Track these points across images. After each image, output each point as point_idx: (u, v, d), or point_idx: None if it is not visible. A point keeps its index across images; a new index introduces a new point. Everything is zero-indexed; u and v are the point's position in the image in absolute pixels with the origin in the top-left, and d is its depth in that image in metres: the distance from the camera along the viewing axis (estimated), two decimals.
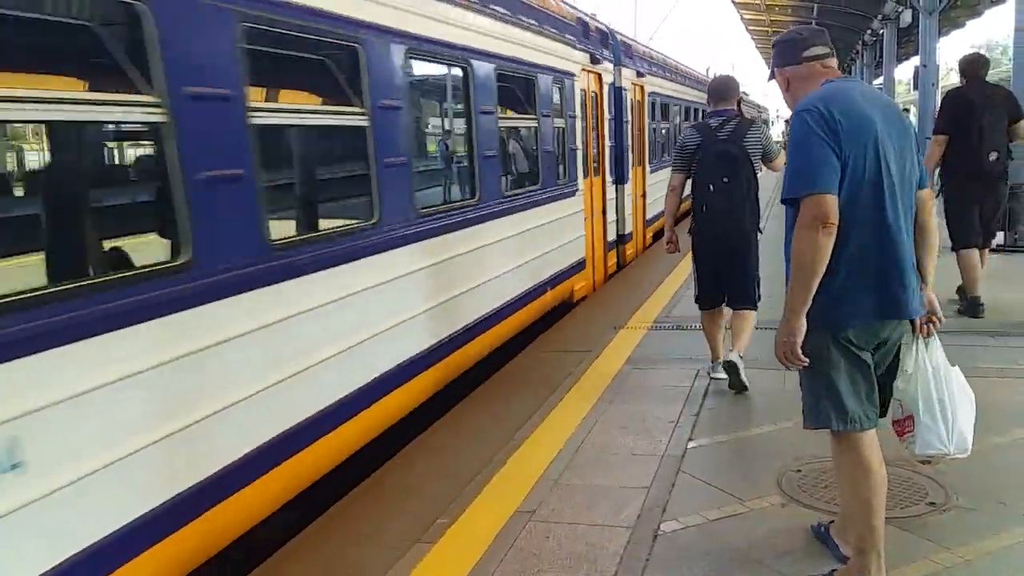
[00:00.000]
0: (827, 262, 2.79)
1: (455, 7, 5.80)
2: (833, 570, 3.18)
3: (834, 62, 3.15)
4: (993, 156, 6.94)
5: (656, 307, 8.19)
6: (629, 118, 11.62)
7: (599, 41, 10.27)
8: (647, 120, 13.05)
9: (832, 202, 2.77)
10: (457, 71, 6.07)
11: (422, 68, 5.84)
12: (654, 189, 13.11)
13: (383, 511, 4.07)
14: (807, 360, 2.93)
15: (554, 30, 8.23)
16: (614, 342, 6.91)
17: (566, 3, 9.26)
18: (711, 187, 5.32)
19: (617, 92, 11.00)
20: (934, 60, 18.38)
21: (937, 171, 7.28)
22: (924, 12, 18.43)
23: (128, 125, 3.57)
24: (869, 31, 29.52)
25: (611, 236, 10.60)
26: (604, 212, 10.26)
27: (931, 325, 3.19)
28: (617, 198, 11.01)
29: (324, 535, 3.87)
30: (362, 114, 4.58)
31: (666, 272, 10.08)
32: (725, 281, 5.51)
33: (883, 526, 3.01)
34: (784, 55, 3.21)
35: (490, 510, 3.93)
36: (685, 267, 10.29)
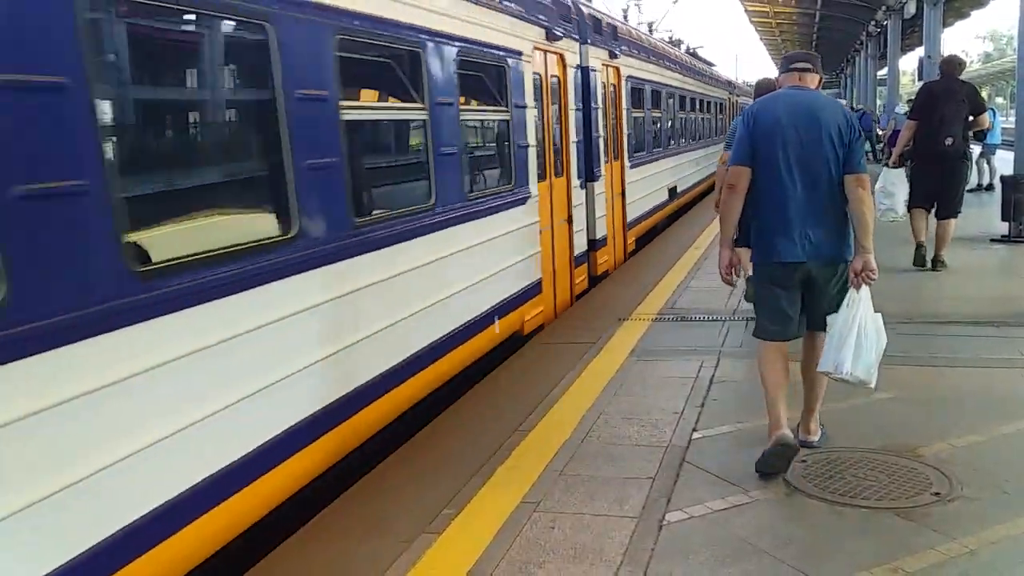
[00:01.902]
0: (738, 206, 4.19)
1: None
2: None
3: (808, 76, 4.36)
4: (949, 141, 8.35)
5: (660, 298, 8.19)
6: (600, 105, 9.80)
7: (559, 14, 8.30)
8: (625, 107, 11.33)
9: (739, 172, 4.17)
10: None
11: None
12: (638, 187, 11.81)
13: (389, 502, 4.08)
14: (738, 277, 4.50)
15: None
16: (618, 333, 6.91)
17: None
18: None
19: (584, 75, 9.19)
20: (938, 51, 18.31)
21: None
22: (928, 2, 18.37)
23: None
24: (873, 22, 29.39)
25: (580, 247, 8.78)
26: (570, 220, 8.45)
27: (862, 277, 4.00)
28: (587, 200, 9.09)
29: (330, 526, 3.88)
30: None
31: (663, 272, 10.08)
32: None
33: (780, 409, 4.20)
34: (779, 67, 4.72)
35: (496, 501, 3.94)
36: (686, 262, 10.30)
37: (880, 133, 22.17)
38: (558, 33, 8.07)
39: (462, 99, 5.85)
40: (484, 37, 6.22)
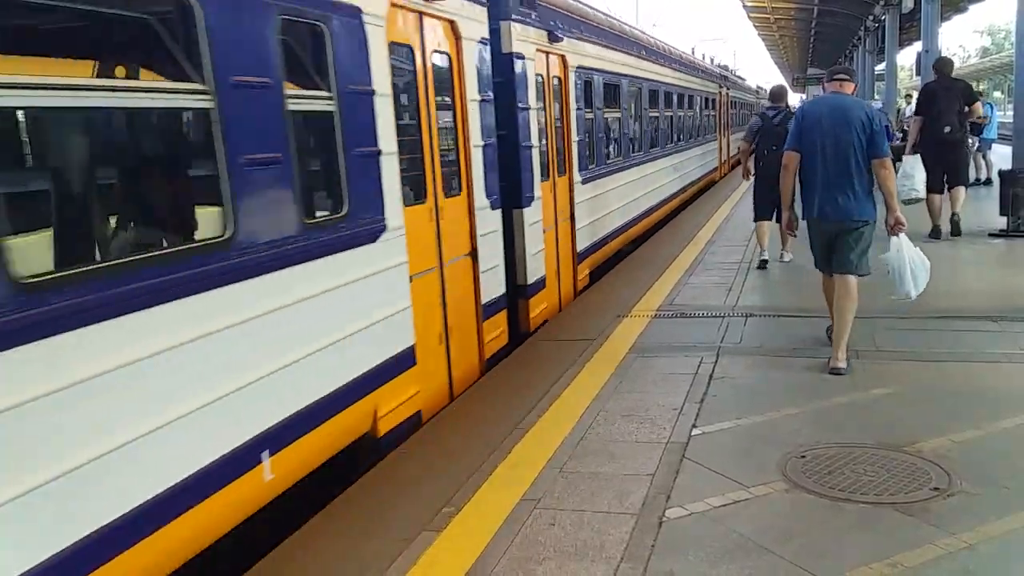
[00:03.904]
0: (791, 181, 5.87)
1: None
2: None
3: (847, 85, 5.85)
4: (947, 129, 10.31)
5: (659, 295, 8.19)
6: (532, 104, 7.47)
7: None
8: (575, 106, 9.01)
9: (790, 156, 5.80)
10: None
11: None
12: (593, 206, 9.59)
13: (389, 501, 4.08)
14: (796, 232, 6.35)
15: None
16: (617, 330, 6.92)
17: None
18: (766, 151, 9.34)
19: (503, 60, 6.97)
20: (936, 45, 18.32)
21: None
22: None
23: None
24: (871, 16, 29.36)
25: (491, 295, 6.35)
26: (474, 254, 6.09)
27: (895, 229, 5.54)
28: (513, 230, 7.03)
29: (330, 525, 3.88)
30: None
31: (661, 269, 10.07)
32: (769, 204, 9.35)
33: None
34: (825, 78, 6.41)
35: (496, 498, 3.95)
36: (678, 267, 10.30)
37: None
38: None
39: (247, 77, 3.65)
40: None
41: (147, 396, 3.04)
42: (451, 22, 5.81)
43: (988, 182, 16.02)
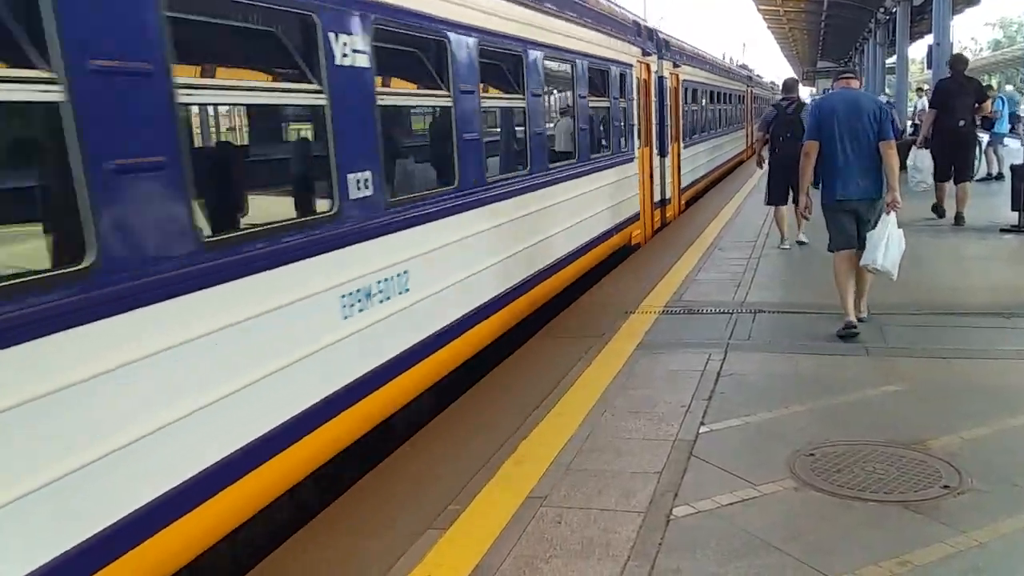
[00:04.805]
0: (811, 168, 6.53)
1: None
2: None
3: (852, 81, 6.73)
4: (961, 123, 11.17)
5: (667, 292, 8.16)
6: (668, 102, 13.85)
7: (647, 38, 12.60)
8: (682, 104, 15.42)
9: (811, 144, 6.48)
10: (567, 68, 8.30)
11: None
12: (688, 162, 16.21)
13: (395, 498, 4.08)
14: (811, 215, 6.91)
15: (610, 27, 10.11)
16: (625, 327, 6.89)
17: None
18: (781, 139, 10.18)
19: (659, 79, 13.20)
20: (948, 38, 18.13)
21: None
22: None
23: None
24: (882, 9, 29.10)
25: (656, 197, 13.04)
26: (651, 176, 12.61)
27: (892, 207, 6.09)
28: (660, 168, 13.27)
29: (336, 523, 3.88)
30: None
31: (670, 264, 10.05)
32: (785, 189, 10.12)
33: (849, 300, 6.30)
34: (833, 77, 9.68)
35: (502, 496, 3.94)
36: (695, 251, 10.27)
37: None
38: (648, 51, 12.24)
39: (605, 95, 9.66)
40: (613, 55, 9.94)
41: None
42: (648, 65, 12.39)
43: (1000, 177, 15.89)
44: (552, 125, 8.58)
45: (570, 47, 8.08)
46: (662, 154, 13.23)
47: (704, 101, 19.01)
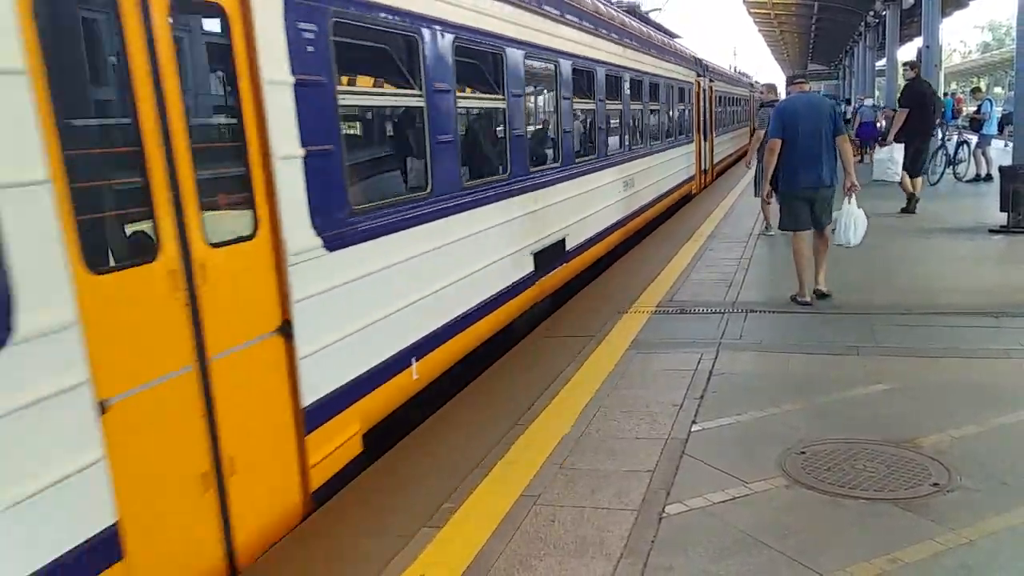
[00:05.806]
0: (773, 164, 7.51)
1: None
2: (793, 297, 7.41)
3: (805, 85, 7.88)
4: (938, 121, 13.63)
5: (659, 291, 8.19)
6: (707, 106, 20.75)
7: (695, 62, 19.16)
8: (716, 108, 22.74)
9: (775, 142, 7.40)
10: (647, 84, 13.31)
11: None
12: (717, 148, 23.01)
13: (388, 497, 4.09)
14: (773, 201, 8.63)
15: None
16: (618, 326, 6.91)
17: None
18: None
19: (703, 92, 19.83)
20: (937, 41, 18.30)
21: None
22: None
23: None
24: (871, 12, 29.31)
25: (703, 167, 19.71)
26: (699, 155, 18.86)
27: (851, 192, 7.28)
28: (705, 148, 19.96)
29: (330, 522, 3.89)
30: None
31: (663, 264, 10.09)
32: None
33: (808, 278, 7.36)
34: (787, 82, 10.19)
35: (496, 495, 3.95)
36: (687, 252, 10.30)
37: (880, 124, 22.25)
38: (699, 71, 18.97)
39: (684, 102, 16.89)
40: (685, 78, 16.93)
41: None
42: (699, 82, 19.15)
43: (988, 178, 16.02)
44: (662, 119, 14.47)
45: (673, 76, 15.54)
46: (704, 139, 19.95)
47: (725, 104, 26.29)
